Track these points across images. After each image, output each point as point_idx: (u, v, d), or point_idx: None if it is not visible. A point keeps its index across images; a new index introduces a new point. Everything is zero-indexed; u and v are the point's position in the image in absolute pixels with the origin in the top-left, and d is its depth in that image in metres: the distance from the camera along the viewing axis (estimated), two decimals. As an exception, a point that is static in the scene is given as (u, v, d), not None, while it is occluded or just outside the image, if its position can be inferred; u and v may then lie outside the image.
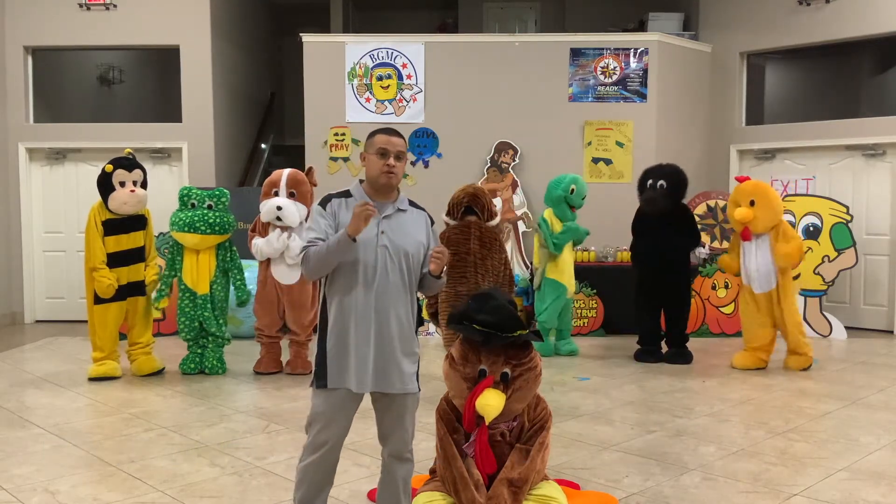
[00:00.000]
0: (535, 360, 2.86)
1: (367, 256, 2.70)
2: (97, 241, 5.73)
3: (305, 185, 5.98)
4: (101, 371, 5.86)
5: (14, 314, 8.83)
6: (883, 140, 8.11)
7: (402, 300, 2.75)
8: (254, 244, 5.97)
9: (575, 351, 6.91)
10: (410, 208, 2.87)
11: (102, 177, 5.80)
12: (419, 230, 2.83)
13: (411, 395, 2.79)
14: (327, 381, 2.72)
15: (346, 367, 2.70)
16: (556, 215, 6.74)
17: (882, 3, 8.03)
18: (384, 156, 2.77)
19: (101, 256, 5.72)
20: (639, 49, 8.52)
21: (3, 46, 8.69)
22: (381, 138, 2.81)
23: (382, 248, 2.72)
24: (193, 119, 8.74)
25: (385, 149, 2.78)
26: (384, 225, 2.75)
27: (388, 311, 2.72)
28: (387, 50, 8.55)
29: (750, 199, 6.12)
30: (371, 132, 2.88)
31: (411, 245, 2.77)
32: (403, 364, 2.75)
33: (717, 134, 9.21)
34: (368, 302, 2.70)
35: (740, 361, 6.32)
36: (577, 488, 3.50)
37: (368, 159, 2.81)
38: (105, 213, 5.78)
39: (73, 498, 3.49)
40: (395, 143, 2.81)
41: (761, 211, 6.09)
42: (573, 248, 6.94)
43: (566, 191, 6.70)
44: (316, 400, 2.76)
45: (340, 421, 2.76)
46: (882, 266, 8.21)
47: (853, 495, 3.51)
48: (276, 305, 6.02)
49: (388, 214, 2.77)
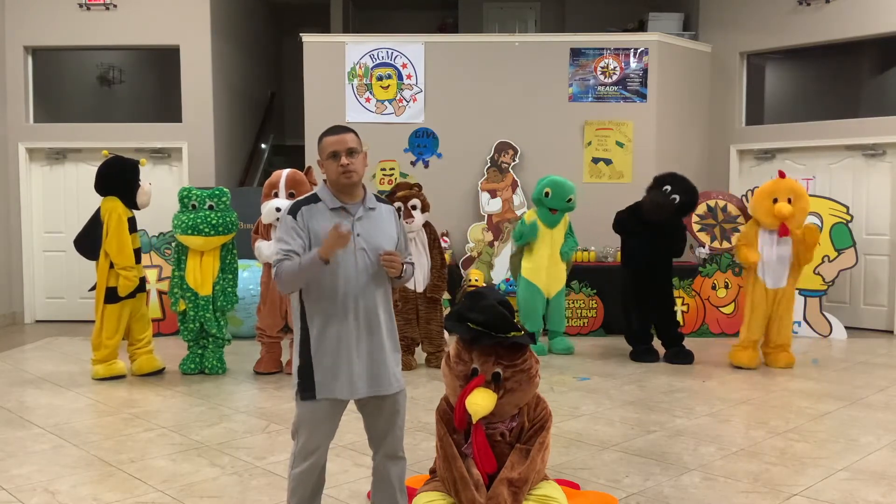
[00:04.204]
0: (530, 363, 2.86)
1: (346, 261, 2.68)
2: (128, 239, 5.75)
3: (305, 185, 5.97)
4: (111, 371, 5.85)
5: (14, 314, 8.83)
6: (883, 140, 8.11)
7: (383, 298, 2.77)
8: (256, 247, 5.97)
9: (570, 348, 6.91)
10: (378, 204, 2.85)
11: (132, 173, 5.83)
12: (390, 225, 2.84)
13: (402, 392, 2.82)
14: (315, 393, 2.69)
15: (336, 376, 2.68)
16: (538, 216, 6.78)
17: (882, 3, 8.03)
18: (336, 157, 2.71)
19: (132, 255, 5.76)
20: (639, 49, 8.52)
21: (3, 46, 8.69)
22: (329, 140, 2.74)
23: (361, 252, 2.71)
24: (193, 119, 8.74)
25: (335, 150, 2.72)
26: (358, 227, 2.74)
27: (376, 312, 2.73)
28: (387, 50, 8.55)
29: (789, 195, 6.14)
30: (319, 136, 2.80)
31: (386, 242, 2.78)
32: (394, 362, 2.78)
33: (717, 134, 9.21)
34: (355, 307, 2.69)
35: (742, 359, 6.30)
36: (577, 488, 3.50)
37: (325, 165, 2.75)
38: (128, 210, 5.80)
39: (73, 498, 3.49)
40: (344, 141, 2.73)
41: (798, 209, 6.13)
42: (563, 260, 6.87)
43: (540, 193, 6.74)
44: (301, 410, 2.74)
45: (328, 427, 2.76)
46: (882, 266, 8.21)
47: (853, 495, 3.51)
48: (279, 306, 6.02)
49: (359, 216, 2.75)
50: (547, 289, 6.83)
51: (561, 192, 6.71)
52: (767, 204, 6.18)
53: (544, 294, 6.84)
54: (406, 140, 8.57)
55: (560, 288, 6.90)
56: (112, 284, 5.76)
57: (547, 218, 6.77)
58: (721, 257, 7.82)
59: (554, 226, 6.80)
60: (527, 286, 6.83)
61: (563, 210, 6.78)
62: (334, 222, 2.65)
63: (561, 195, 6.71)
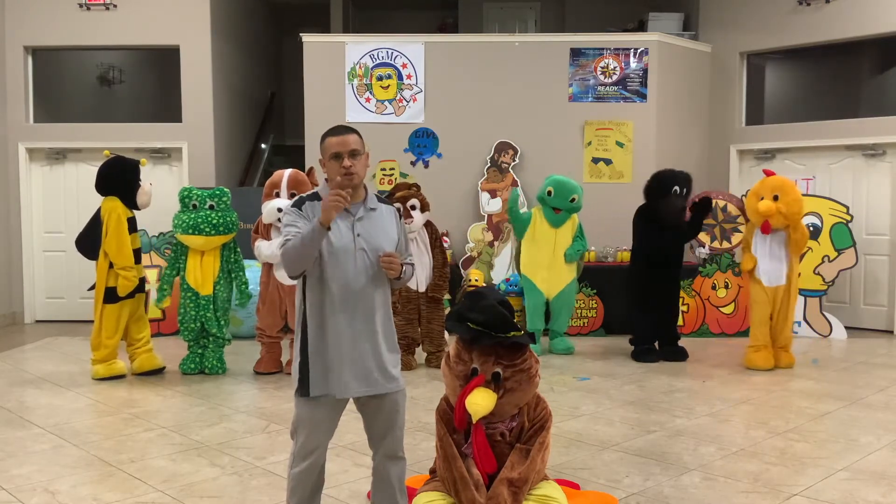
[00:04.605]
0: (529, 363, 2.86)
1: (346, 261, 2.69)
2: (127, 239, 5.76)
3: (306, 185, 5.97)
4: (111, 371, 5.86)
5: (14, 314, 8.83)
6: (883, 140, 8.11)
7: (381, 298, 2.77)
8: (256, 247, 5.97)
9: (570, 348, 6.91)
10: (379, 205, 2.85)
11: (132, 173, 5.84)
12: (391, 226, 2.84)
13: (401, 392, 2.82)
14: (310, 390, 2.70)
15: (331, 374, 2.69)
16: (541, 212, 6.81)
17: (882, 3, 8.03)
18: (338, 158, 2.70)
19: (132, 255, 5.77)
20: (639, 49, 8.52)
21: (3, 46, 8.69)
22: (332, 141, 2.73)
23: (361, 252, 2.70)
24: (193, 119, 8.74)
25: (338, 151, 2.70)
26: (358, 227, 2.73)
27: (373, 312, 2.73)
28: (387, 50, 8.55)
29: (774, 193, 6.11)
30: (322, 135, 2.78)
31: (387, 242, 2.77)
32: (391, 362, 2.78)
33: (717, 134, 9.21)
34: (353, 307, 2.69)
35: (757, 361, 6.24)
36: (577, 488, 3.50)
37: (327, 165, 2.74)
38: (128, 210, 5.81)
39: (73, 498, 3.49)
40: (347, 143, 2.72)
41: (784, 206, 6.10)
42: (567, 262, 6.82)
43: (544, 192, 6.77)
44: (300, 409, 2.75)
45: (326, 426, 2.76)
46: (882, 266, 8.21)
47: (853, 495, 3.51)
48: (279, 306, 6.02)
49: (360, 217, 2.75)
50: (547, 289, 6.82)
51: (563, 192, 6.70)
52: (754, 203, 6.21)
53: (543, 293, 6.83)
54: (406, 140, 8.57)
55: (561, 289, 6.87)
56: (111, 284, 5.76)
57: (550, 217, 6.77)
58: (721, 257, 7.82)
59: (558, 226, 6.80)
60: (524, 282, 6.88)
61: (567, 210, 6.77)
62: (334, 223, 2.66)
63: (563, 194, 6.70)
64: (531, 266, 6.83)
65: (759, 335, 6.31)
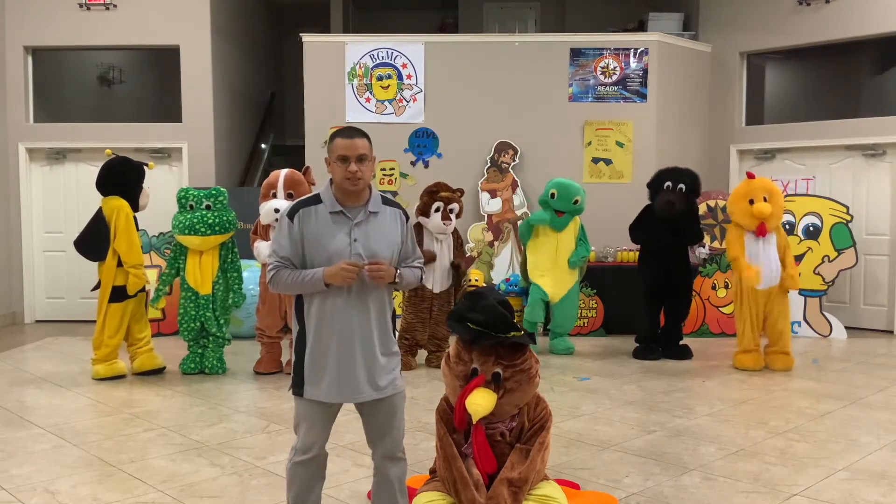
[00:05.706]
0: (530, 363, 2.85)
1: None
2: (137, 237, 5.82)
3: (303, 184, 5.97)
4: (112, 370, 5.86)
5: (14, 314, 8.84)
6: (883, 140, 8.11)
7: (378, 305, 2.74)
8: (255, 247, 5.97)
9: (570, 349, 6.91)
10: (384, 207, 2.79)
11: (135, 173, 5.90)
12: (393, 230, 2.79)
13: (399, 394, 2.81)
14: (303, 392, 2.72)
15: (321, 380, 2.70)
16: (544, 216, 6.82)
17: (882, 3, 8.03)
18: (345, 161, 2.66)
19: (142, 253, 5.85)
20: (639, 49, 8.52)
21: (3, 46, 8.69)
22: (340, 143, 2.68)
23: (356, 258, 2.67)
24: (193, 119, 8.74)
25: (345, 155, 2.66)
26: (356, 232, 2.71)
27: (369, 319, 2.71)
28: (387, 50, 8.55)
29: (765, 195, 6.07)
30: (331, 134, 2.75)
31: (384, 248, 2.73)
32: (386, 367, 2.75)
33: (717, 134, 9.21)
34: (348, 314, 2.68)
35: (746, 362, 6.26)
36: (577, 488, 3.50)
37: (332, 166, 2.70)
38: (131, 210, 5.85)
39: (73, 498, 3.49)
40: (356, 146, 2.67)
41: (777, 209, 6.09)
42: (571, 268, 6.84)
43: (547, 195, 6.77)
44: (297, 406, 2.78)
45: (322, 425, 2.78)
46: (882, 266, 8.21)
47: (853, 495, 3.51)
48: (279, 306, 6.02)
49: (358, 221, 2.72)
50: (552, 293, 6.81)
51: (566, 194, 6.70)
52: (744, 205, 6.07)
53: (548, 295, 6.82)
54: (406, 140, 8.57)
55: (564, 293, 6.86)
56: (119, 283, 5.77)
57: (553, 220, 6.77)
58: (721, 257, 7.82)
59: (561, 229, 6.79)
60: (533, 287, 6.84)
61: (570, 212, 6.77)
62: (332, 227, 2.67)
63: (567, 197, 6.70)
64: (532, 266, 6.83)
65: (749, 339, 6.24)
